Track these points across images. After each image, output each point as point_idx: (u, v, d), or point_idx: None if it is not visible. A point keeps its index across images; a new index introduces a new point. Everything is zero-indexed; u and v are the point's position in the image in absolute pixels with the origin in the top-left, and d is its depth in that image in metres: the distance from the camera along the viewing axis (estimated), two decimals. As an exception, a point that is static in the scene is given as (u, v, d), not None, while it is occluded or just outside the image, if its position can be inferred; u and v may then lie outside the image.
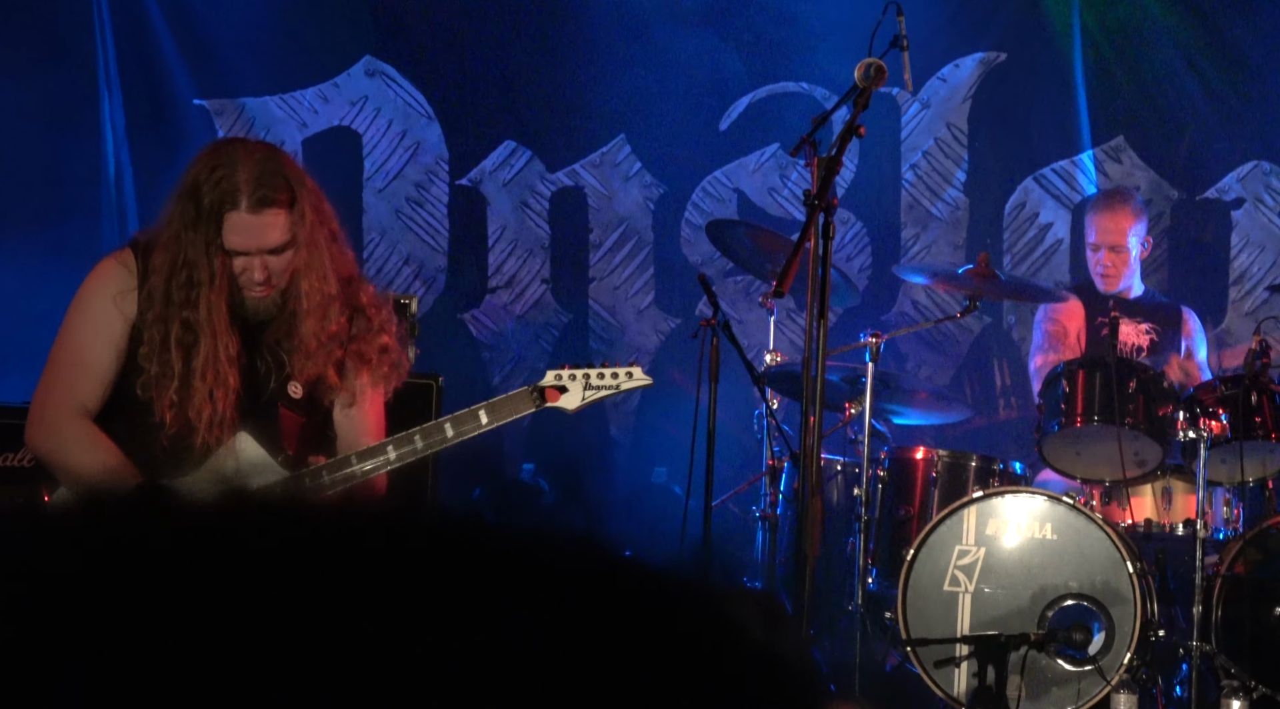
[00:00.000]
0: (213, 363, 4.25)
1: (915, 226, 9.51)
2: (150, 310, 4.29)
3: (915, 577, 6.60)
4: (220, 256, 4.25)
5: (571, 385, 4.40)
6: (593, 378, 4.40)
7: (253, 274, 4.27)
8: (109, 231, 9.19)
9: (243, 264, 4.27)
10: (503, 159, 9.58)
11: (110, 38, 9.16)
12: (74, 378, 4.32)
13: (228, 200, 4.22)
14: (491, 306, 9.56)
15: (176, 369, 4.26)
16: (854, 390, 7.29)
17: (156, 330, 4.28)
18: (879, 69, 5.38)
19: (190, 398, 4.24)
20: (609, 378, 4.41)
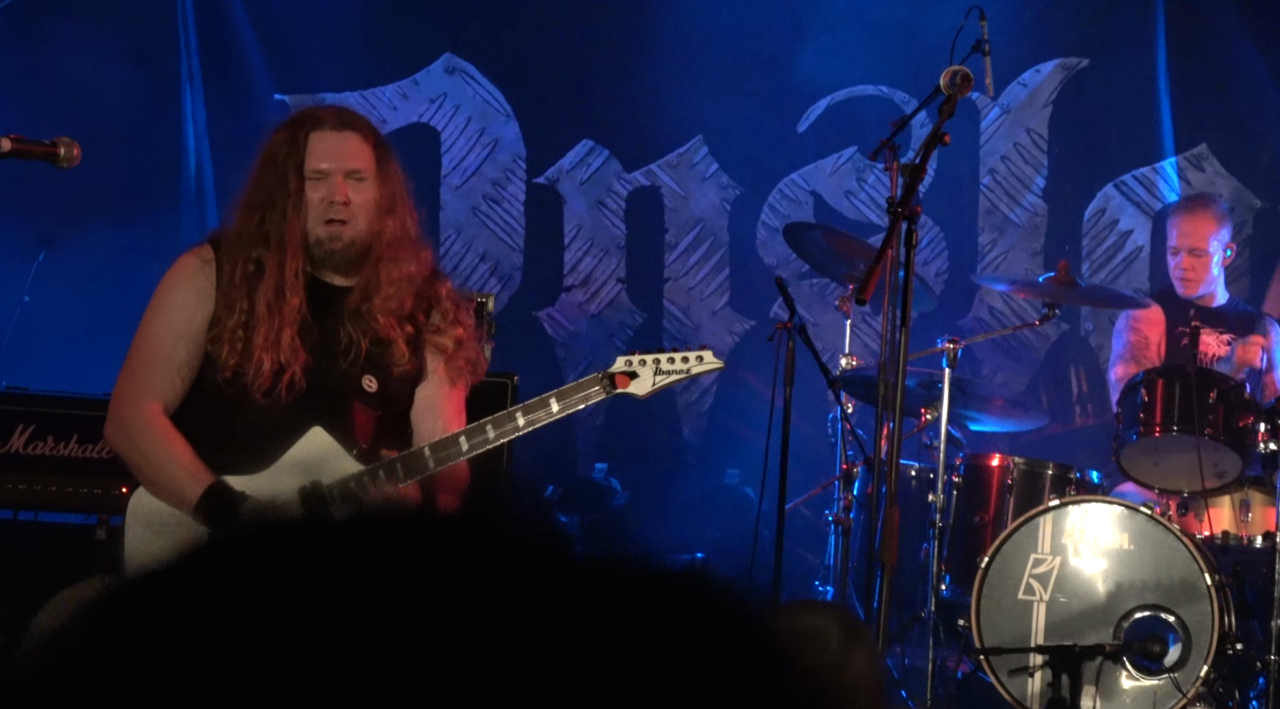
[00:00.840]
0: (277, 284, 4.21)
1: (993, 232, 9.45)
2: (227, 265, 4.29)
3: (989, 584, 6.56)
4: (296, 181, 4.23)
5: (642, 371, 4.36)
6: (663, 362, 4.36)
7: (334, 194, 4.24)
8: (188, 225, 9.25)
9: (324, 190, 4.24)
10: (580, 158, 9.59)
11: (193, 32, 9.22)
12: (150, 373, 4.33)
13: (310, 123, 4.24)
14: (566, 305, 9.57)
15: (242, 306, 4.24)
16: (930, 396, 7.25)
17: (229, 281, 4.28)
18: (965, 77, 5.35)
19: (256, 325, 4.21)
20: (679, 362, 4.37)
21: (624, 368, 4.37)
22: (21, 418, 6.49)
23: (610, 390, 4.34)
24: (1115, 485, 7.29)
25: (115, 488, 6.17)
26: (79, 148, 4.38)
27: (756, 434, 6.81)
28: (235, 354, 4.22)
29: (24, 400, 6.59)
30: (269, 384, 4.24)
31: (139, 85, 9.03)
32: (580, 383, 4.35)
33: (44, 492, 6.47)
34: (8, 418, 6.50)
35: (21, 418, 6.49)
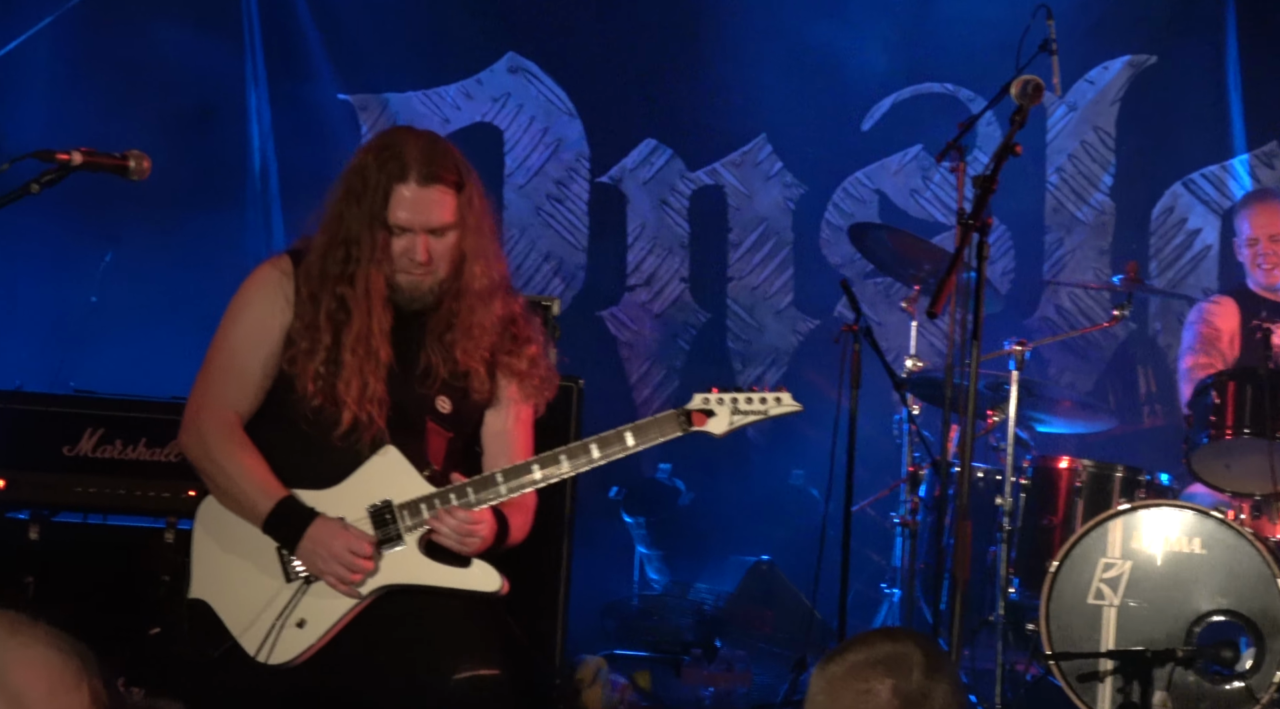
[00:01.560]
0: (364, 337, 4.23)
1: (1059, 230, 9.38)
2: (305, 288, 4.29)
3: (1059, 588, 6.50)
4: (383, 233, 4.23)
5: (719, 410, 4.35)
6: (740, 402, 4.35)
7: (414, 253, 4.25)
8: (253, 225, 9.28)
9: (405, 243, 4.25)
10: (643, 157, 9.57)
11: (258, 33, 9.25)
12: (227, 383, 4.33)
13: (396, 174, 4.21)
14: (630, 305, 9.55)
15: (325, 343, 4.24)
16: (997, 398, 7.20)
17: (308, 306, 4.28)
18: (1036, 86, 5.28)
19: (339, 372, 4.23)
20: (757, 403, 4.36)
21: (701, 405, 4.35)
22: (90, 421, 6.52)
23: (687, 428, 4.33)
24: (1184, 486, 7.23)
25: (183, 491, 6.19)
26: (149, 161, 4.38)
27: (821, 435, 6.78)
28: (319, 396, 4.23)
29: (93, 404, 6.61)
30: (349, 429, 4.25)
31: (204, 86, 9.06)
32: (657, 418, 4.34)
33: (112, 495, 6.49)
34: (77, 421, 6.52)
35: (90, 421, 6.52)
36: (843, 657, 2.59)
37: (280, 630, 4.19)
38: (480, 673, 4.21)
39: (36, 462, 6.49)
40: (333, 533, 4.19)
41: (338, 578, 4.17)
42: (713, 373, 9.44)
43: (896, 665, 2.56)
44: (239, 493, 4.25)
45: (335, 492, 4.27)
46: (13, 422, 6.53)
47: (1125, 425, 8.77)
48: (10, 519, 6.56)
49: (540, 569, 6.16)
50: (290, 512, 4.21)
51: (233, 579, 4.28)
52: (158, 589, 6.08)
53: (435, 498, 4.24)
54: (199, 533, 4.37)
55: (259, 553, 4.26)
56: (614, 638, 8.15)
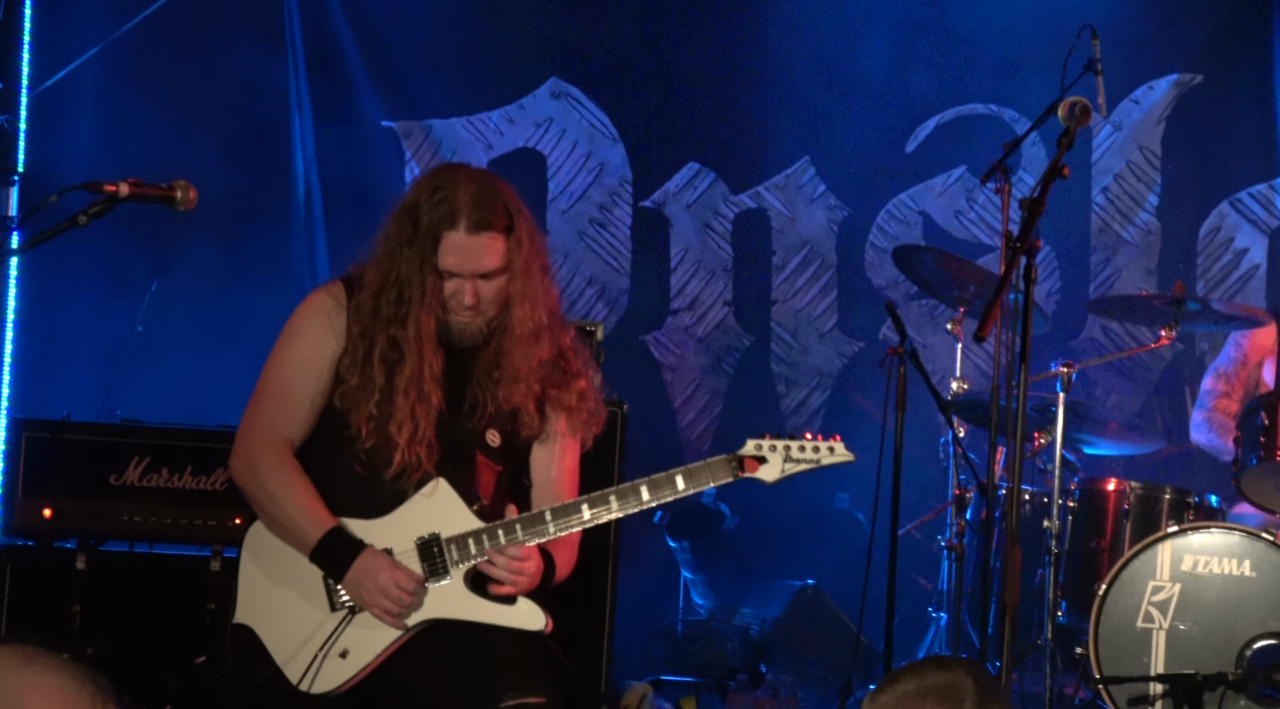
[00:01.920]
0: (416, 380, 4.25)
1: (1105, 251, 9.34)
2: (356, 325, 4.30)
3: (1107, 612, 6.46)
4: (433, 276, 4.25)
5: (771, 457, 4.33)
6: (794, 450, 4.33)
7: (463, 297, 4.27)
8: (297, 252, 9.31)
9: (454, 286, 4.27)
10: (686, 181, 9.56)
11: (302, 60, 9.28)
12: (278, 410, 4.34)
13: (446, 220, 4.23)
14: (673, 328, 9.54)
15: (378, 383, 4.26)
16: (1043, 420, 7.17)
17: (360, 344, 4.29)
18: (1085, 108, 5.26)
19: (391, 413, 4.24)
20: (809, 451, 4.34)
21: (754, 452, 4.34)
22: (136, 450, 6.54)
23: (738, 474, 4.32)
24: (1233, 507, 7.17)
25: (229, 519, 6.21)
26: (195, 191, 4.40)
27: (867, 458, 6.71)
28: (371, 437, 4.25)
29: (139, 433, 6.64)
30: (399, 470, 4.27)
31: (248, 113, 9.10)
32: (709, 463, 4.32)
33: (159, 523, 6.51)
34: (123, 450, 6.55)
35: (136, 450, 6.54)
36: (893, 687, 2.56)
37: (324, 660, 4.20)
38: (526, 701, 4.21)
39: (83, 490, 6.52)
40: (380, 566, 4.20)
41: (383, 610, 4.18)
42: (757, 396, 9.42)
43: (948, 695, 2.53)
44: (288, 521, 4.26)
45: (384, 522, 4.28)
46: (60, 451, 6.56)
47: (1173, 447, 8.70)
48: (57, 548, 6.59)
49: (586, 594, 6.15)
50: (338, 542, 4.22)
51: (278, 606, 4.29)
52: (204, 617, 6.09)
53: (483, 533, 4.25)
54: (246, 559, 4.38)
55: (305, 581, 4.27)
56: (660, 663, 8.13)
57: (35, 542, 6.61)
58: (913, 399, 6.85)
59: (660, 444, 9.11)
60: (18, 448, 6.68)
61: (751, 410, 9.32)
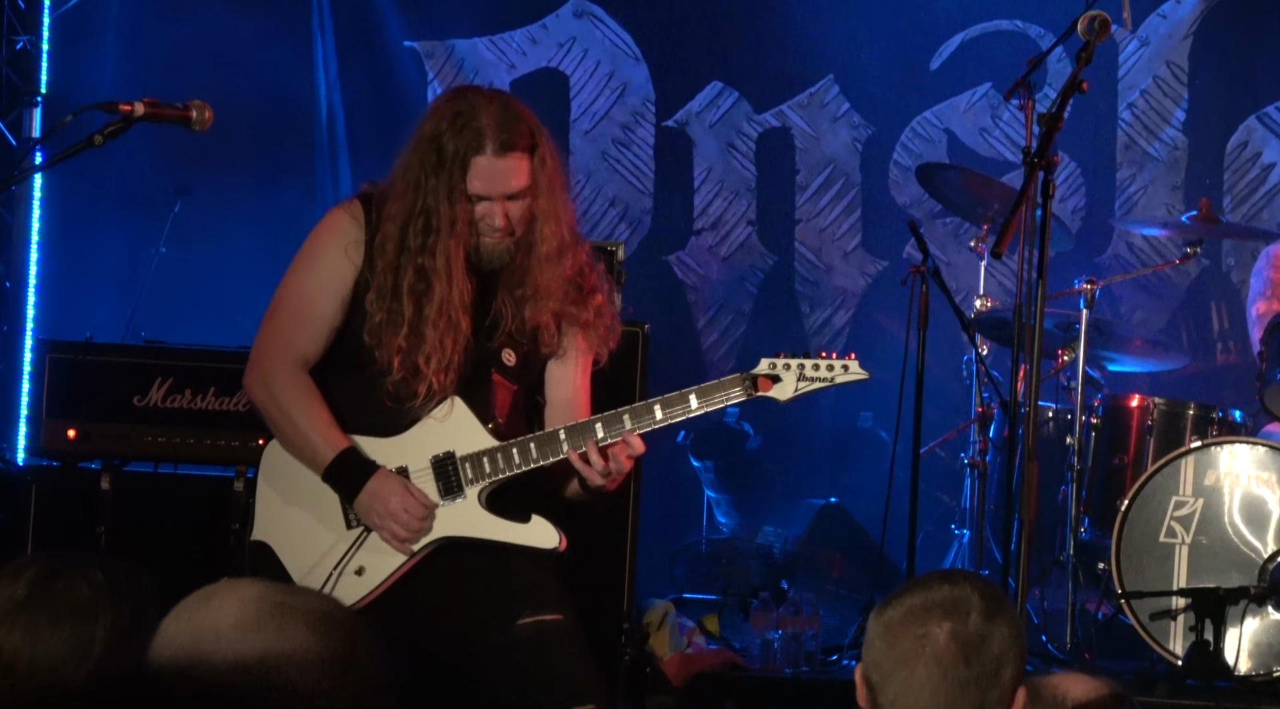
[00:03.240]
0: (446, 309, 4.25)
1: (1131, 167, 9.28)
2: (381, 258, 4.30)
3: (1130, 527, 6.46)
4: (462, 202, 4.25)
5: (785, 375, 4.33)
6: (807, 368, 4.33)
7: (493, 219, 4.27)
8: (321, 174, 9.31)
9: (484, 209, 4.27)
10: (709, 100, 9.52)
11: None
12: (296, 328, 4.35)
13: (473, 145, 4.23)
14: (697, 249, 9.53)
15: (407, 315, 4.26)
16: (1067, 337, 7.15)
17: (387, 277, 4.29)
18: (1103, 22, 5.21)
19: (420, 345, 4.25)
20: (824, 369, 4.33)
21: (767, 370, 4.33)
22: (159, 371, 6.57)
23: (751, 392, 4.32)
24: (1260, 425, 7.15)
25: (252, 440, 6.23)
26: (210, 110, 4.40)
27: (890, 376, 6.73)
28: (401, 369, 4.25)
29: (161, 354, 6.67)
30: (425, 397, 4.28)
31: (270, 35, 9.07)
32: (722, 382, 4.32)
33: (182, 444, 6.55)
34: (146, 371, 6.58)
35: (159, 371, 6.57)
36: (899, 601, 2.57)
37: (339, 577, 4.23)
38: (544, 618, 4.23)
39: (107, 412, 6.56)
40: (391, 490, 4.21)
41: (392, 535, 4.20)
42: (781, 316, 9.41)
43: (954, 609, 2.53)
44: (302, 440, 4.28)
45: (399, 440, 4.30)
46: (83, 372, 6.60)
47: (1198, 363, 8.68)
48: (82, 469, 6.63)
49: (608, 513, 6.17)
50: (351, 463, 4.24)
51: (294, 524, 4.32)
52: (228, 538, 6.14)
53: (498, 452, 4.26)
54: (262, 477, 4.41)
55: (321, 499, 4.29)
56: (682, 582, 8.16)
57: (60, 462, 6.66)
58: (936, 318, 6.84)
59: (683, 364, 9.11)
60: (42, 369, 6.71)
61: (775, 330, 9.31)
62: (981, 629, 2.52)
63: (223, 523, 6.27)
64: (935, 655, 2.51)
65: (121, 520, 6.42)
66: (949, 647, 2.51)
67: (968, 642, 2.51)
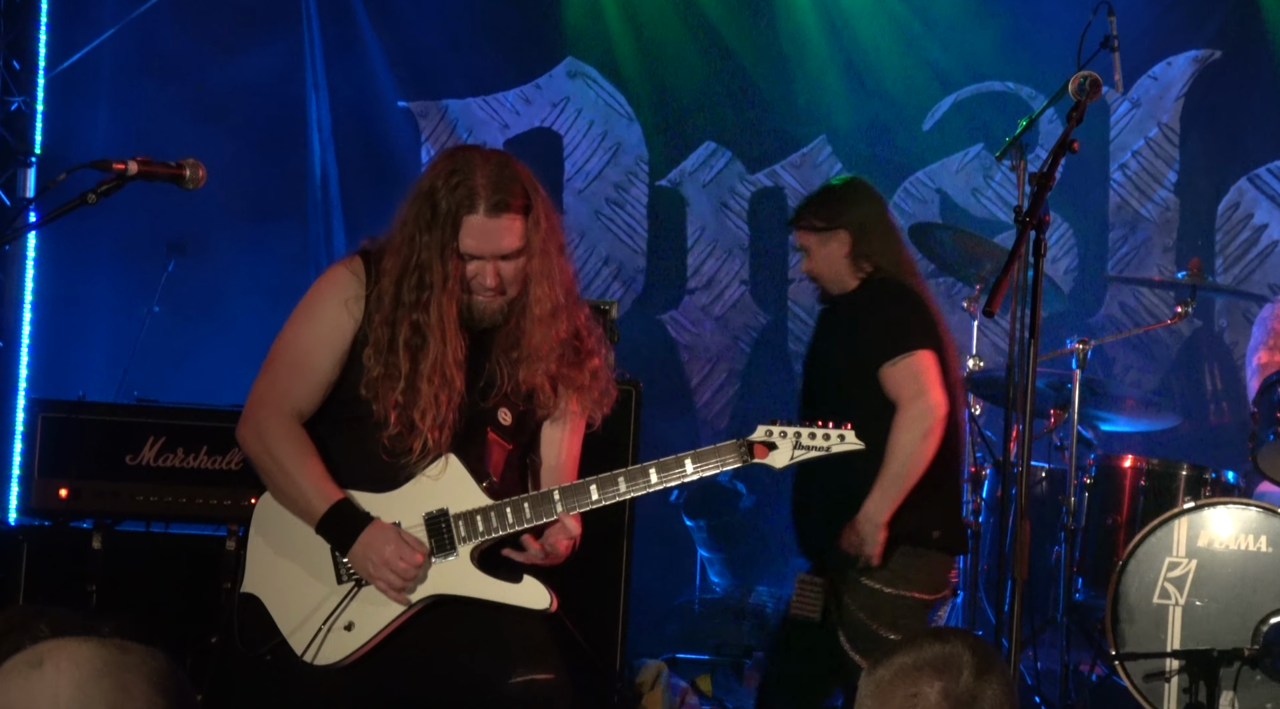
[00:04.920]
0: (440, 365, 4.26)
1: (1123, 227, 9.31)
2: (378, 312, 4.30)
3: (1124, 588, 6.45)
4: (454, 260, 4.26)
5: (781, 443, 4.32)
6: (804, 437, 4.32)
7: (484, 279, 4.28)
8: (314, 232, 9.32)
9: (475, 268, 4.28)
10: (703, 160, 9.55)
11: (318, 41, 9.29)
12: (292, 380, 4.34)
13: (465, 204, 4.24)
14: (690, 307, 9.54)
15: (403, 370, 4.26)
16: (1060, 396, 7.16)
17: (383, 332, 4.29)
18: (1094, 82, 5.23)
19: (415, 399, 4.25)
20: (820, 438, 4.33)
21: (764, 438, 4.32)
22: (152, 430, 6.56)
23: (747, 459, 4.31)
24: (1254, 486, 7.15)
25: (244, 499, 6.23)
26: (204, 169, 4.40)
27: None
28: (398, 424, 4.25)
29: (155, 413, 6.66)
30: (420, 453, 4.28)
31: (265, 95, 9.11)
32: (718, 447, 4.32)
33: (174, 503, 6.53)
34: (139, 430, 6.57)
35: (152, 430, 6.56)
36: (890, 660, 2.55)
37: (329, 632, 4.21)
38: (536, 677, 4.21)
39: (99, 471, 6.54)
40: (385, 539, 4.20)
41: (387, 584, 4.19)
42: (774, 374, 9.41)
43: (945, 667, 2.51)
44: (295, 491, 4.27)
45: (392, 496, 4.28)
46: (76, 431, 6.59)
47: (1191, 423, 8.69)
48: (74, 528, 6.62)
49: (601, 572, 6.15)
50: (345, 515, 4.23)
51: (285, 577, 4.30)
52: (219, 596, 6.12)
53: (491, 511, 4.25)
54: (255, 530, 4.39)
55: (312, 553, 4.28)
56: (675, 641, 8.14)
57: (52, 521, 6.64)
58: (929, 377, 6.83)
59: (677, 423, 9.11)
60: (34, 428, 6.70)
61: (768, 389, 9.31)
62: (973, 688, 2.51)
63: (214, 581, 6.25)
64: (927, 715, 2.50)
65: (113, 579, 6.40)
66: (940, 705, 2.49)
67: (959, 701, 2.49)
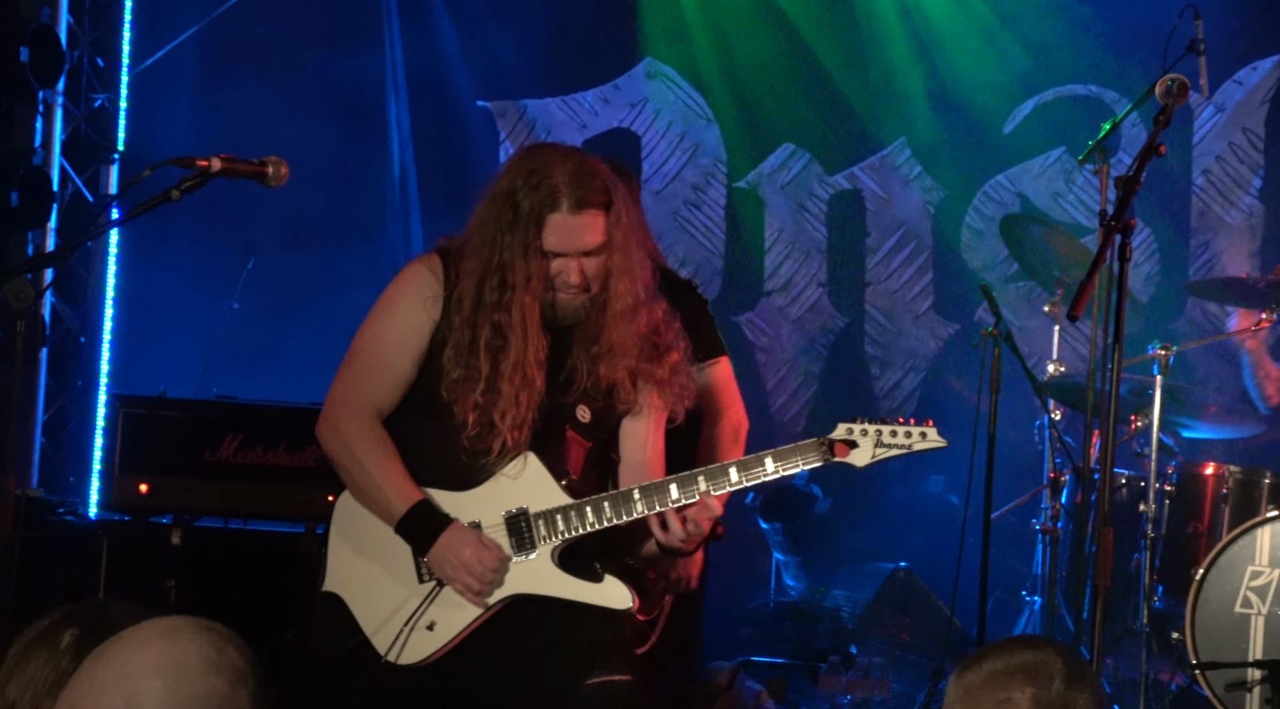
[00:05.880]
0: (521, 366, 4.25)
1: (1206, 234, 9.22)
2: (458, 314, 4.30)
3: (1204, 597, 6.37)
4: (537, 258, 4.26)
5: (863, 441, 4.28)
6: (885, 434, 4.28)
7: (568, 276, 4.28)
8: (393, 231, 9.36)
9: (559, 266, 4.28)
10: (781, 161, 9.53)
11: (398, 40, 9.32)
12: (372, 379, 4.35)
13: (547, 202, 4.24)
14: (767, 310, 9.51)
15: (483, 372, 4.26)
16: (1140, 403, 7.08)
17: (464, 334, 4.29)
18: (1182, 85, 5.17)
19: (495, 400, 4.24)
20: (901, 436, 4.28)
21: (845, 436, 4.29)
22: (231, 427, 6.60)
23: (829, 458, 4.28)
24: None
25: (322, 496, 6.22)
26: (286, 166, 4.42)
27: (961, 440, 6.67)
28: (477, 425, 4.25)
29: (234, 410, 6.70)
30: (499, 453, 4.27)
31: (346, 96, 9.15)
32: (799, 446, 4.29)
33: (253, 499, 6.58)
34: (218, 427, 6.61)
35: (231, 427, 6.60)
36: (980, 665, 2.52)
37: (411, 632, 4.21)
38: (611, 679, 4.20)
39: (179, 467, 6.59)
40: (465, 541, 4.20)
41: (466, 586, 4.19)
42: (851, 378, 9.38)
43: (1036, 674, 2.49)
44: (375, 491, 4.27)
45: (472, 495, 4.28)
46: (156, 428, 6.63)
47: (1274, 430, 8.57)
48: (153, 524, 6.66)
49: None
50: (425, 516, 4.23)
51: (366, 577, 4.30)
52: (297, 593, 6.14)
53: (571, 510, 4.24)
54: (335, 529, 4.40)
55: (393, 552, 4.28)
56: (750, 644, 8.12)
57: (132, 517, 6.69)
58: (1008, 382, 6.79)
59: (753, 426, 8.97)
60: (115, 424, 6.76)
61: (845, 392, 9.28)
62: (1064, 696, 2.48)
63: (292, 578, 6.27)
64: (1017, 721, 2.47)
65: (191, 575, 6.44)
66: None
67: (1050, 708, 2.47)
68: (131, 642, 2.24)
